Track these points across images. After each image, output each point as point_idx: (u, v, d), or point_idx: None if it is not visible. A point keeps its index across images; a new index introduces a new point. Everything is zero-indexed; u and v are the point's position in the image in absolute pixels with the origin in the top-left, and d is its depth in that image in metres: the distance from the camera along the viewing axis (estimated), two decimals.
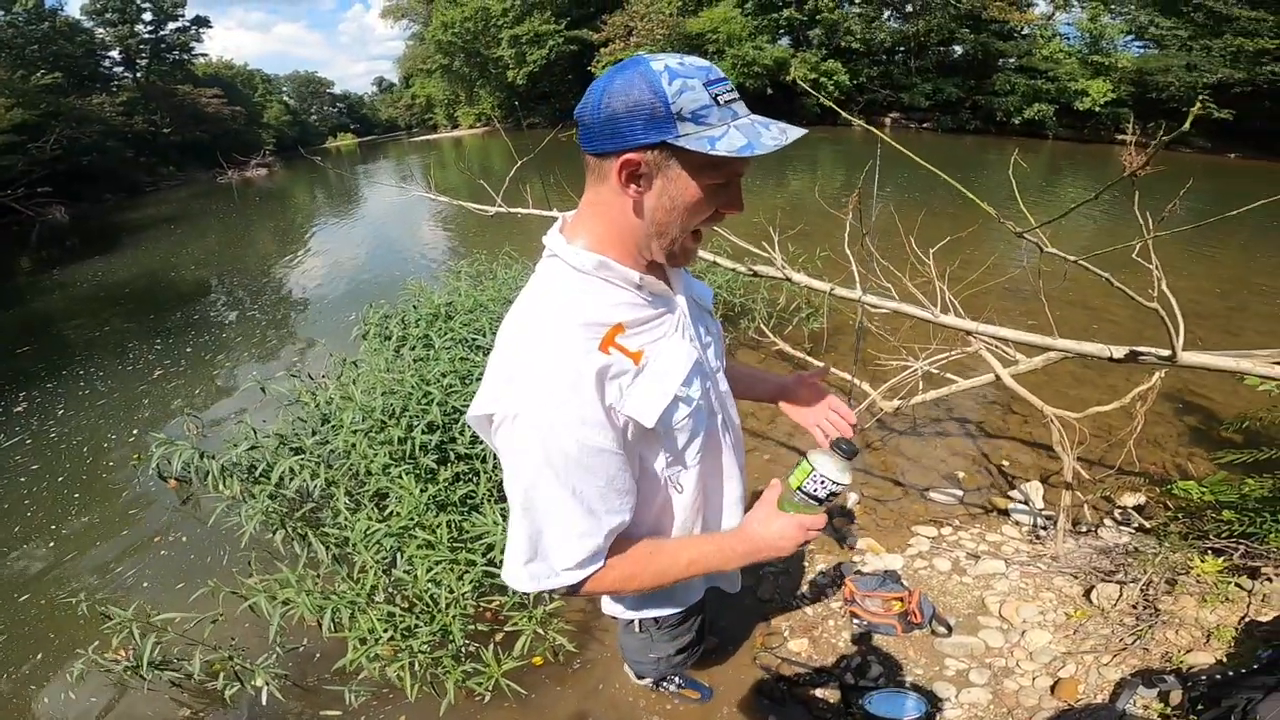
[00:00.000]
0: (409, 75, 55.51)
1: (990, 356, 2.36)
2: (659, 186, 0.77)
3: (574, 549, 0.85)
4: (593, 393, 0.79)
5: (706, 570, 0.94)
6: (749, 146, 0.72)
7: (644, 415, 0.84)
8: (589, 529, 0.85)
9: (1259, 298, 5.43)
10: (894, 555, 2.47)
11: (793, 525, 0.91)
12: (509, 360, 0.82)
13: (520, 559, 0.87)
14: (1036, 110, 21.00)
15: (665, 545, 0.95)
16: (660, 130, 0.72)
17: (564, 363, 0.78)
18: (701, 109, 0.72)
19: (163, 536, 3.08)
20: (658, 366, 0.86)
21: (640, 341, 0.86)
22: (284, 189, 22.86)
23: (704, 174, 0.76)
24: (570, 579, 0.87)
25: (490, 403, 0.81)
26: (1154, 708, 1.69)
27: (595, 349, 0.80)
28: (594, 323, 0.82)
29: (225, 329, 6.50)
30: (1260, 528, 2.08)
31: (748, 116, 0.76)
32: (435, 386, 2.70)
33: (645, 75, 0.72)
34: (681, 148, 0.73)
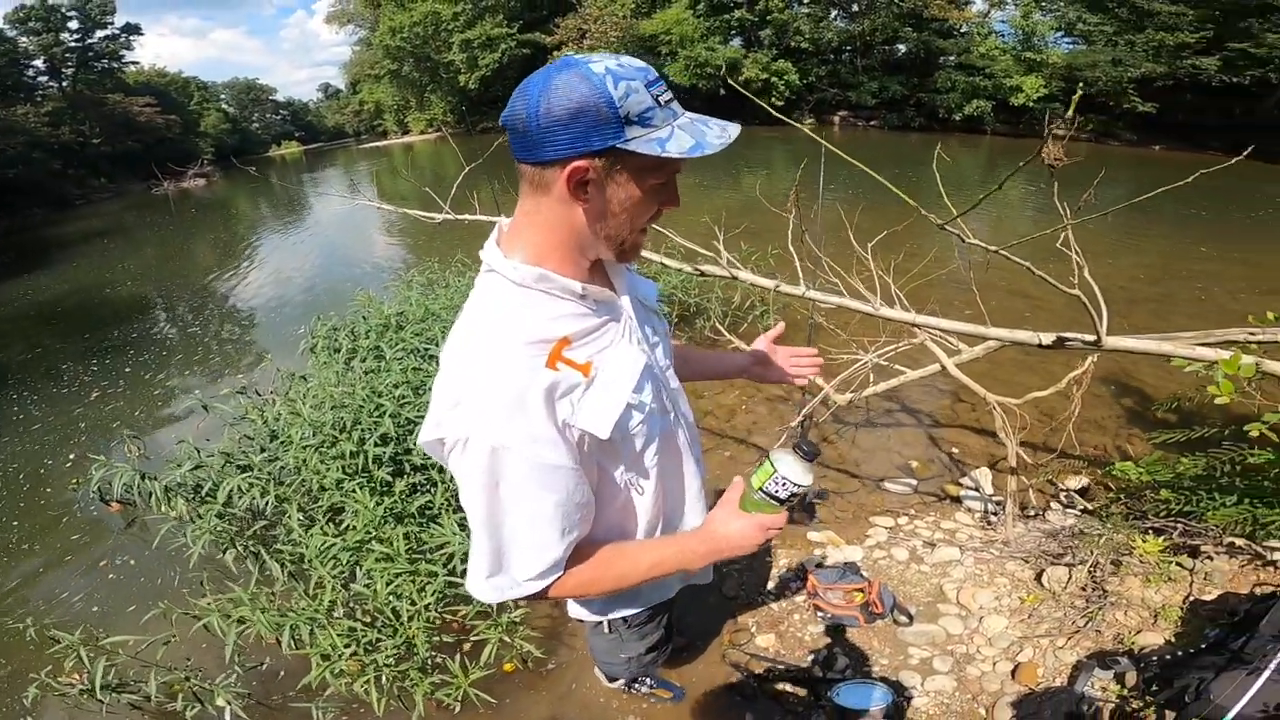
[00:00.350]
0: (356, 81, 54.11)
1: (935, 347, 2.43)
2: (607, 193, 0.76)
3: (534, 561, 0.86)
4: (543, 411, 0.78)
5: (668, 572, 0.95)
6: (698, 147, 0.73)
7: (598, 427, 0.83)
8: (548, 542, 0.85)
9: (1182, 283, 5.75)
10: (853, 547, 2.52)
11: (753, 525, 0.91)
12: (454, 383, 0.80)
13: (483, 573, 0.88)
14: (975, 106, 21.83)
15: (627, 550, 0.96)
16: (609, 135, 0.71)
17: (511, 383, 0.77)
18: (646, 111, 0.72)
19: (109, 560, 2.98)
20: (607, 376, 0.85)
21: (588, 352, 0.85)
22: (224, 199, 22.06)
23: (648, 175, 0.76)
24: (532, 588, 0.88)
25: (439, 427, 0.80)
26: (1111, 689, 1.76)
27: (542, 366, 0.79)
28: (538, 339, 0.81)
29: (166, 346, 6.26)
30: (1197, 506, 2.16)
31: (686, 115, 0.77)
32: (387, 398, 2.65)
33: (588, 78, 0.70)
34: (631, 151, 0.72)
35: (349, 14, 46.26)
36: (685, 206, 0.86)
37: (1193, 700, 1.50)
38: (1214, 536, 2.11)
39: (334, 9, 47.58)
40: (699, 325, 4.57)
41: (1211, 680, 1.49)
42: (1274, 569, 2.01)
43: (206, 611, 2.04)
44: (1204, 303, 5.24)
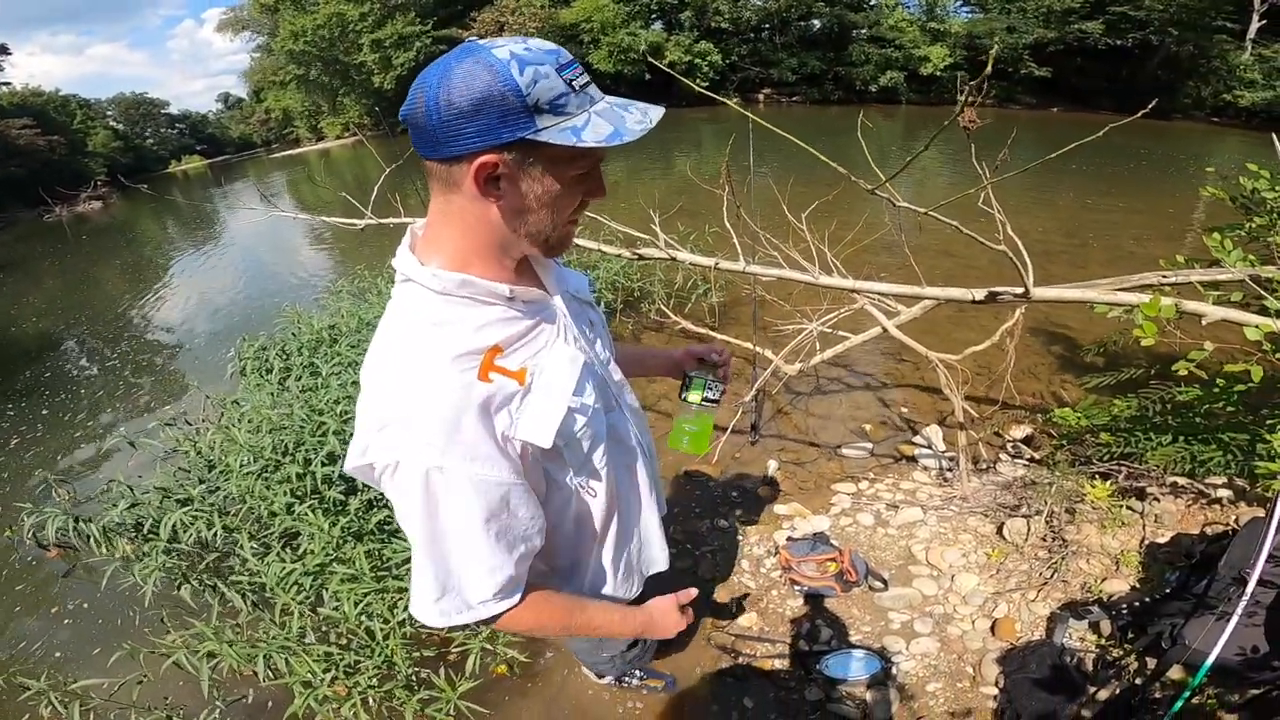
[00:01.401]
0: (259, 89, 51.15)
1: (875, 310, 2.49)
2: (522, 188, 0.71)
3: (487, 583, 0.81)
4: (479, 427, 0.73)
5: (608, 634, 1.04)
6: (616, 134, 0.68)
7: (539, 436, 0.79)
8: (499, 562, 0.80)
9: (1093, 234, 6.14)
10: (820, 516, 2.56)
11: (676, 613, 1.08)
12: (379, 404, 0.74)
13: (429, 597, 0.81)
14: (889, 78, 22.70)
15: (584, 608, 0.99)
16: (517, 126, 0.65)
17: (441, 401, 0.72)
18: (559, 98, 0.66)
19: (60, 606, 2.79)
20: (545, 381, 0.81)
21: (521, 358, 0.80)
22: (126, 221, 20.56)
23: (566, 166, 0.71)
24: (485, 612, 0.83)
25: (365, 453, 0.74)
26: (1089, 639, 1.84)
27: (474, 379, 0.74)
28: (467, 351, 0.75)
29: (83, 383, 5.81)
30: (1136, 447, 2.27)
31: (604, 100, 0.72)
32: (329, 416, 2.53)
33: (491, 66, 0.64)
34: (544, 142, 0.67)
35: (243, 20, 43.47)
36: (619, 191, 0.84)
37: (1169, 646, 1.58)
38: (1157, 477, 2.22)
39: (225, 16, 44.72)
40: (644, 309, 4.57)
41: (1183, 626, 1.57)
42: (1219, 506, 2.13)
43: (173, 648, 1.94)
44: (1115, 250, 5.61)
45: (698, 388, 1.12)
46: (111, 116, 54.60)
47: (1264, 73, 16.09)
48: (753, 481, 2.84)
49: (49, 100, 42.77)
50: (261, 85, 49.22)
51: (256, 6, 37.12)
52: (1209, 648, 1.43)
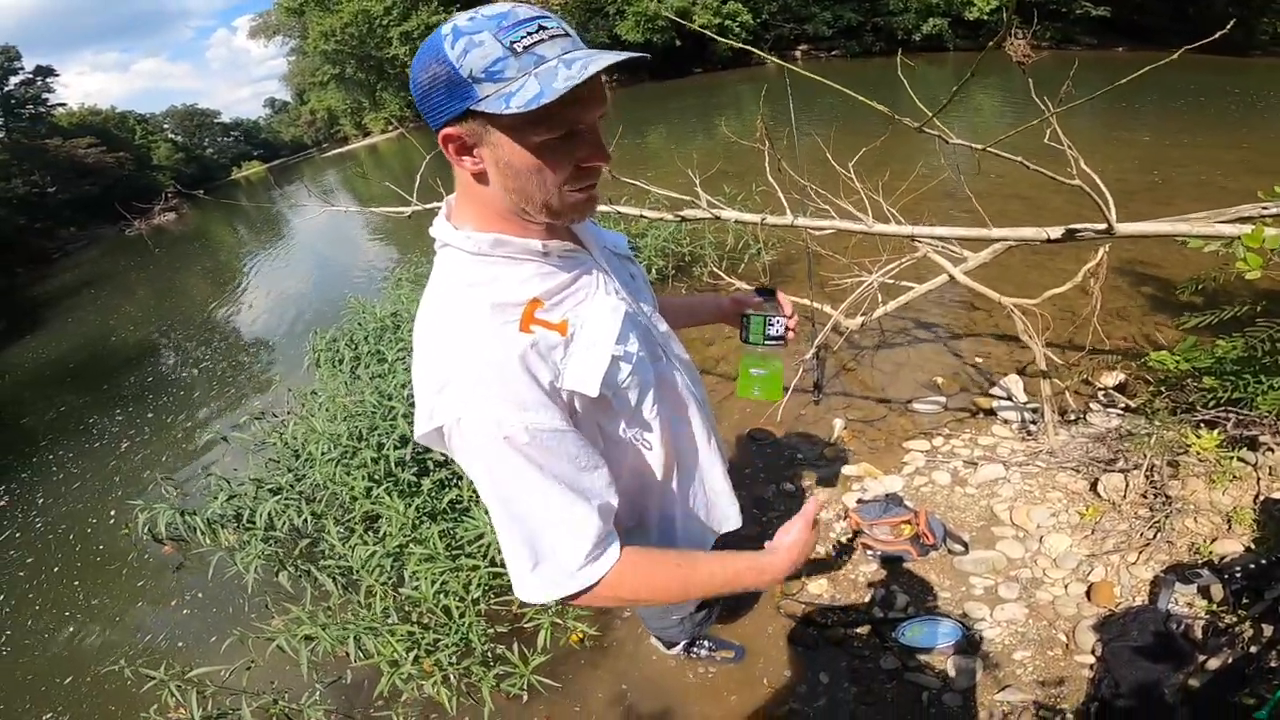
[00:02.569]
0: (302, 91, 52.78)
1: (939, 258, 2.37)
2: (490, 154, 0.72)
3: (577, 540, 0.80)
4: (525, 376, 0.75)
5: (731, 591, 0.93)
6: (539, 96, 0.64)
7: (586, 385, 0.80)
8: (582, 514, 0.79)
9: (1179, 169, 5.65)
10: (892, 476, 2.47)
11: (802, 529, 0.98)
12: (433, 368, 0.77)
13: (525, 567, 0.81)
14: (933, 25, 21.46)
15: (698, 560, 0.92)
16: (460, 98, 0.67)
17: (488, 353, 0.74)
18: (494, 64, 0.65)
19: (178, 598, 3.02)
20: (588, 332, 0.82)
21: (562, 311, 0.82)
22: (201, 229, 21.76)
23: (527, 132, 0.69)
24: (587, 577, 0.81)
25: (432, 416, 0.76)
26: (1198, 605, 1.71)
27: (516, 331, 0.76)
28: (506, 303, 0.77)
29: (181, 385, 6.25)
30: (1245, 391, 2.07)
31: (556, 59, 0.66)
32: (397, 400, 2.62)
33: (433, 44, 0.67)
34: (484, 112, 0.67)
35: (272, 25, 44.69)
36: (660, 158, 0.79)
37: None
38: (1270, 424, 2.01)
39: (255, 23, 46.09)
40: (696, 272, 4.54)
41: None
42: None
43: (276, 633, 2.06)
44: (1204, 186, 5.14)
45: (758, 327, 1.06)
46: (169, 129, 57.48)
47: None
48: (818, 442, 2.77)
49: (107, 118, 45.28)
50: (303, 87, 50.70)
51: (282, 10, 38.03)
52: None
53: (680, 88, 22.55)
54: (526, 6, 0.69)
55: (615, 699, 1.94)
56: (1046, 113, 1.47)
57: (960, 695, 1.71)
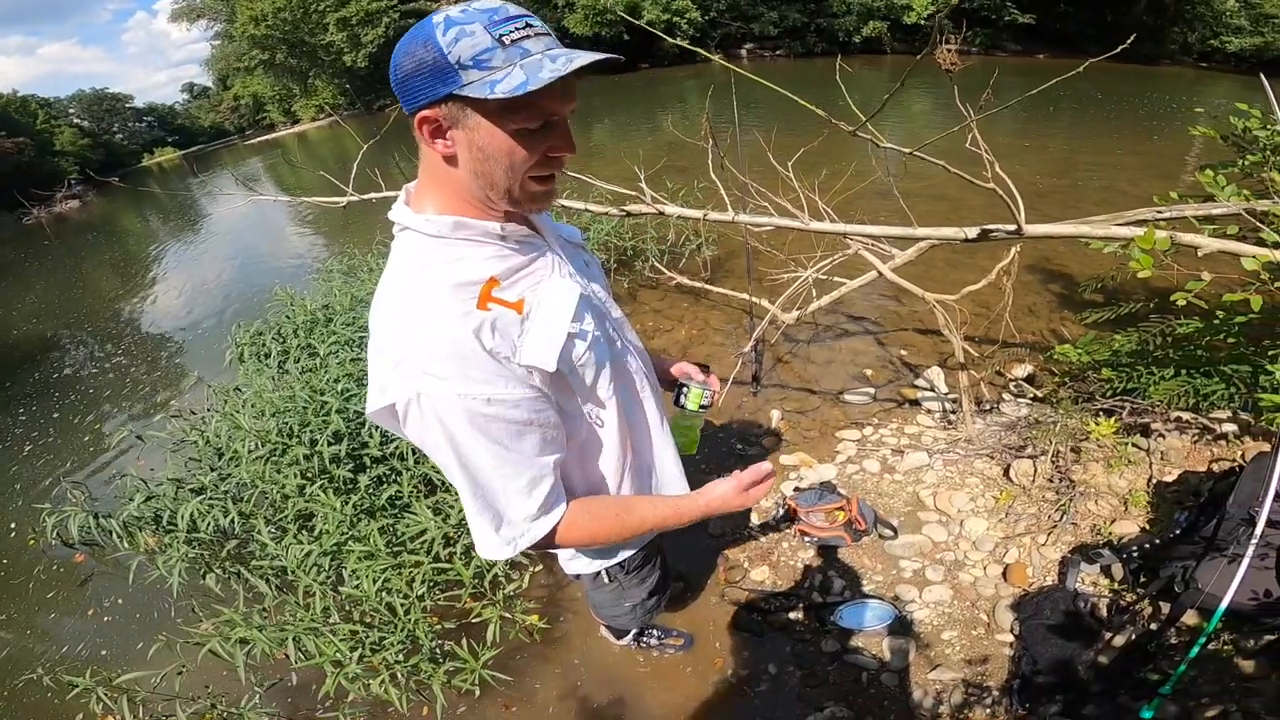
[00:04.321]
0: (225, 76, 49.79)
1: (869, 255, 2.47)
2: (463, 138, 0.75)
3: (531, 499, 0.87)
4: (482, 351, 0.78)
5: (665, 528, 1.04)
6: (524, 84, 0.69)
7: (543, 360, 0.83)
8: (536, 474, 0.86)
9: (1087, 174, 6.09)
10: (826, 465, 2.57)
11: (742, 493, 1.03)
12: (390, 344, 0.79)
13: (490, 529, 0.88)
14: (872, 28, 22.22)
15: (631, 507, 1.00)
16: (444, 82, 0.71)
17: (445, 330, 0.77)
18: (483, 53, 0.69)
19: (95, 606, 2.82)
20: (544, 310, 0.86)
21: (519, 290, 0.85)
22: (107, 218, 20.23)
23: (506, 118, 0.73)
24: (542, 528, 0.90)
25: (384, 393, 0.79)
26: (1101, 583, 1.84)
27: (473, 309, 0.79)
28: (464, 283, 0.80)
29: (89, 384, 5.78)
30: (1138, 382, 2.26)
31: (541, 53, 0.72)
32: (330, 395, 2.54)
33: (424, 29, 0.72)
34: (470, 96, 0.71)
35: (196, 9, 41.85)
36: (605, 152, 0.83)
37: (1182, 591, 1.56)
38: (1161, 413, 2.20)
39: (178, 6, 43.00)
40: (638, 267, 4.57)
41: (1194, 569, 1.54)
42: (1225, 442, 2.11)
43: (206, 637, 1.98)
44: (1109, 190, 5.56)
45: (697, 396, 1.20)
46: (75, 114, 53.26)
47: (1250, 19, 15.89)
48: (757, 432, 2.86)
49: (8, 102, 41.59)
50: (226, 72, 47.89)
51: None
52: (1222, 592, 1.41)
53: (626, 82, 22.54)
54: (514, 5, 0.74)
55: (568, 690, 1.95)
56: (969, 119, 1.57)
57: (896, 675, 1.80)
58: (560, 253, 0.95)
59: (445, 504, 2.26)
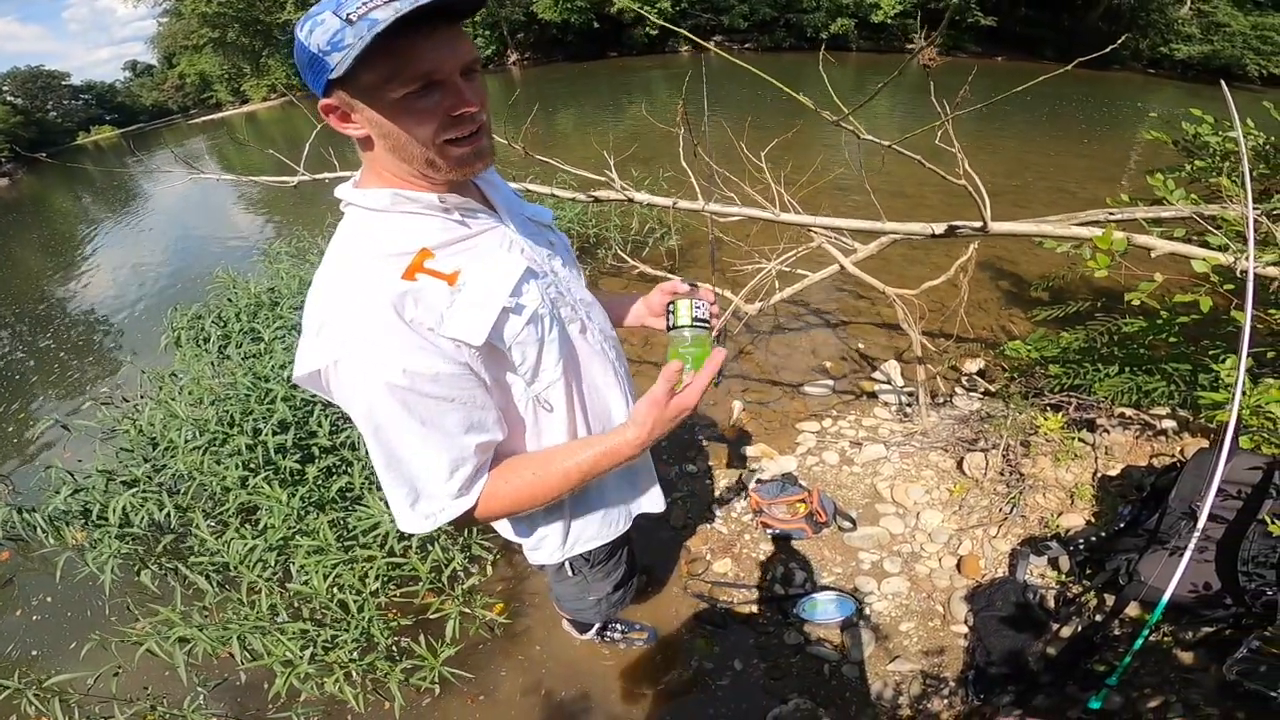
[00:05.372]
0: (171, 54, 47.54)
1: (831, 248, 2.49)
2: (362, 118, 0.77)
3: (453, 481, 0.84)
4: (400, 322, 0.77)
5: (603, 470, 0.90)
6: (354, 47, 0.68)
7: (469, 334, 0.81)
8: (458, 455, 0.83)
9: (1038, 175, 6.30)
10: (787, 457, 2.58)
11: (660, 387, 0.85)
12: (316, 309, 0.80)
13: (405, 503, 0.86)
14: (840, 25, 22.60)
15: (550, 460, 0.91)
16: (318, 73, 0.72)
17: (368, 298, 0.77)
18: (334, 36, 0.70)
19: (23, 607, 2.65)
20: (480, 282, 0.83)
21: (456, 262, 0.83)
22: (36, 196, 19.08)
23: (382, 90, 0.73)
24: (462, 505, 0.86)
25: (309, 358, 0.78)
26: (1049, 575, 1.89)
27: (398, 278, 0.78)
28: (394, 254, 0.80)
29: (13, 368, 5.43)
30: (1085, 379, 2.33)
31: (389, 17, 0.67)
32: (275, 382, 2.41)
33: (297, 29, 0.74)
34: (340, 78, 0.71)
35: None
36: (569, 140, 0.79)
37: (1126, 583, 1.60)
38: (1105, 409, 2.27)
39: None
40: (601, 255, 4.51)
41: (1138, 562, 1.59)
42: (1165, 438, 2.20)
43: (143, 636, 1.86)
44: (1057, 191, 5.77)
45: (684, 309, 0.98)
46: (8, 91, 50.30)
47: (1201, 28, 16.63)
48: (719, 424, 2.85)
49: None
50: (173, 50, 45.92)
51: None
52: (1164, 584, 1.43)
53: (594, 70, 22.35)
54: None
55: (531, 686, 1.91)
56: (944, 119, 1.57)
57: (857, 667, 1.81)
58: (515, 227, 0.93)
59: None
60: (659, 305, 1.20)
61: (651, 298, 1.22)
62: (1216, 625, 1.56)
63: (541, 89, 18.69)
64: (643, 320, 1.24)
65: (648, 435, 0.86)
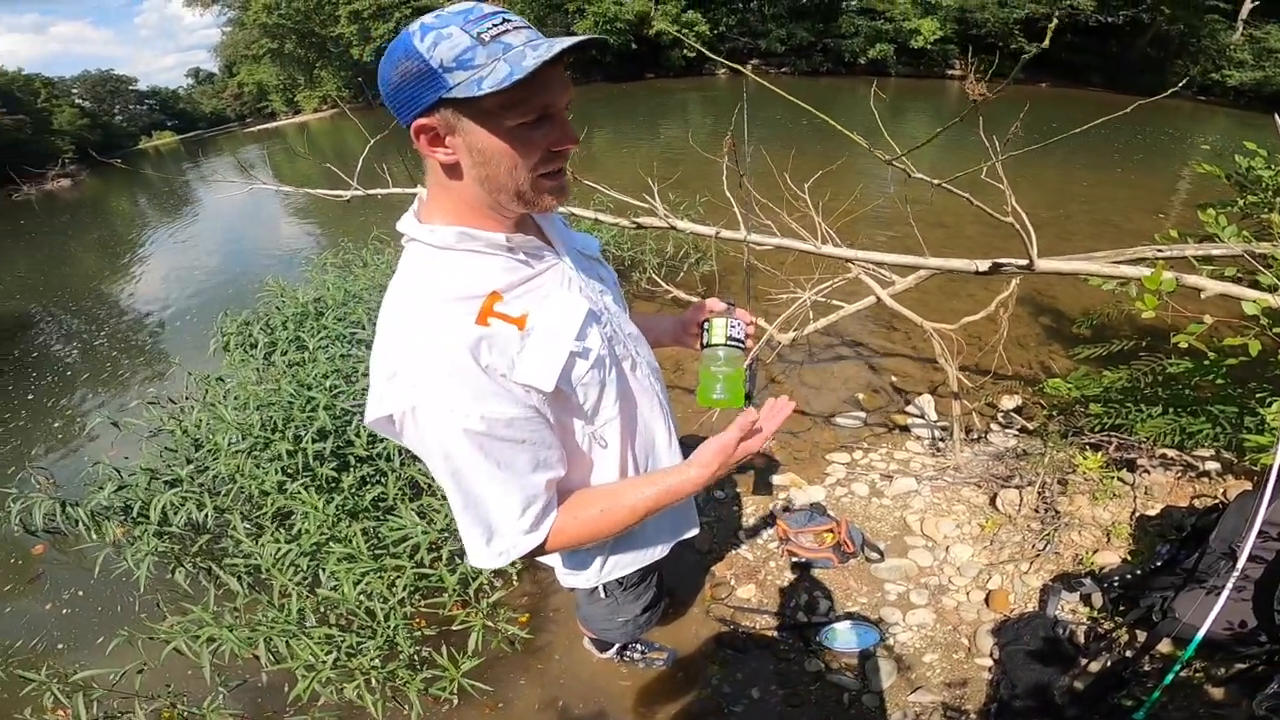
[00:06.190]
0: (231, 63, 49.86)
1: (869, 280, 2.48)
2: (463, 143, 0.74)
3: (524, 518, 0.85)
4: (476, 367, 0.77)
5: (662, 507, 0.92)
6: (510, 75, 0.67)
7: (541, 379, 0.81)
8: (530, 493, 0.84)
9: (1082, 206, 6.16)
10: (816, 487, 2.56)
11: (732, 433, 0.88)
12: (388, 355, 0.79)
13: (481, 541, 0.87)
14: (879, 50, 22.52)
15: (615, 496, 0.92)
16: (432, 88, 0.70)
17: (443, 344, 0.76)
18: (463, 53, 0.68)
19: (55, 599, 2.72)
20: (547, 326, 0.84)
21: (523, 305, 0.83)
22: (97, 198, 20.04)
23: (499, 117, 0.72)
24: (533, 541, 0.87)
25: (381, 403, 0.78)
26: (1081, 611, 1.85)
27: (471, 324, 0.78)
28: (465, 296, 0.79)
29: (65, 365, 5.66)
30: (1126, 419, 2.29)
31: (523, 45, 0.70)
32: (318, 390, 2.48)
33: (403, 41, 0.71)
34: (457, 98, 0.70)
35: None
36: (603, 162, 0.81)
37: (1160, 620, 1.58)
38: (1147, 449, 2.23)
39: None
40: (635, 278, 4.53)
41: (1173, 599, 1.57)
42: (1208, 479, 2.15)
43: (171, 634, 1.91)
44: (1101, 224, 5.63)
45: (720, 327, 0.97)
46: (78, 94, 53.11)
47: (1254, 53, 16.06)
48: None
49: (12, 80, 41.35)
50: (234, 59, 48.05)
51: None
52: (1199, 622, 1.43)
53: (631, 90, 22.68)
54: (489, 4, 0.73)
55: (548, 701, 1.92)
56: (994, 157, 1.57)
57: (877, 696, 1.79)
58: (572, 264, 0.93)
59: (430, 508, 2.22)
60: (694, 324, 1.19)
61: (687, 316, 1.22)
62: (1249, 661, 1.54)
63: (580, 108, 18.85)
64: (677, 339, 1.24)
65: (710, 476, 0.89)
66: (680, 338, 1.23)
